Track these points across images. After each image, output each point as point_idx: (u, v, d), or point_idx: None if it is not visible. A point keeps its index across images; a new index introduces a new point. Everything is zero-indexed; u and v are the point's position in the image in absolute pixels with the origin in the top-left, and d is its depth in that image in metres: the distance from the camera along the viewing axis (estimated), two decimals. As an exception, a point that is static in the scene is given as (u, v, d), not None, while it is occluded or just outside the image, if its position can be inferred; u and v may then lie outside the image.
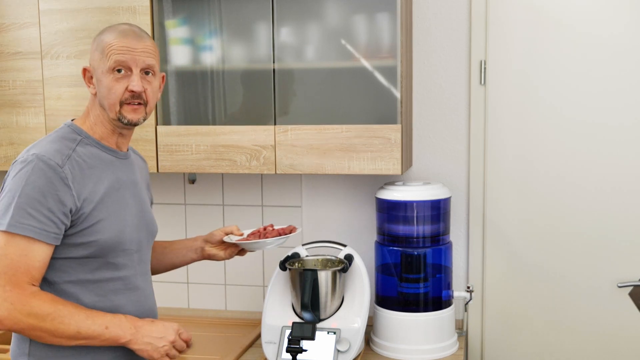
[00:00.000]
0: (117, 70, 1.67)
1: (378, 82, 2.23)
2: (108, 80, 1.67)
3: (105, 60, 1.67)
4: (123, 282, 1.72)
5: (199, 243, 2.02)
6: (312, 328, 2.14)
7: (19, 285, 1.54)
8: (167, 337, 1.66)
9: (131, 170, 1.80)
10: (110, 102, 1.68)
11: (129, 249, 1.73)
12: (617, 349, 2.45)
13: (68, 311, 1.57)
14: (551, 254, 2.47)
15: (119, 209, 1.71)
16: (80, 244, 1.64)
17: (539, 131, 2.43)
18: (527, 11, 2.39)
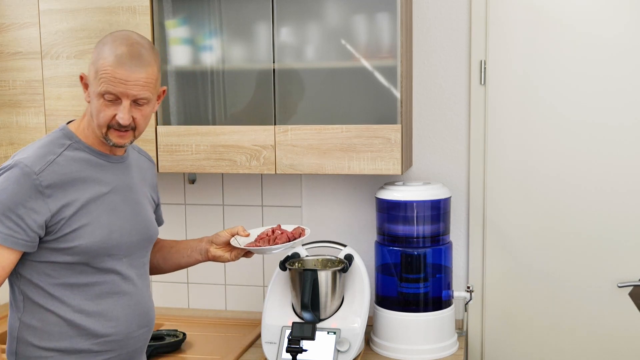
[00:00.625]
0: (106, 98, 1.62)
1: (378, 82, 2.23)
2: (98, 103, 1.63)
3: (97, 83, 1.62)
4: (110, 286, 1.71)
5: (204, 244, 1.98)
6: (312, 328, 2.14)
7: None
8: None
9: (127, 173, 1.78)
10: (98, 123, 1.65)
11: (116, 254, 1.72)
12: (617, 349, 2.45)
13: None
14: (551, 253, 2.47)
15: (106, 214, 1.69)
16: (62, 249, 1.64)
17: (539, 131, 2.43)
18: (527, 11, 2.39)
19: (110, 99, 1.62)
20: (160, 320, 2.65)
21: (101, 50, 1.63)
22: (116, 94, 1.61)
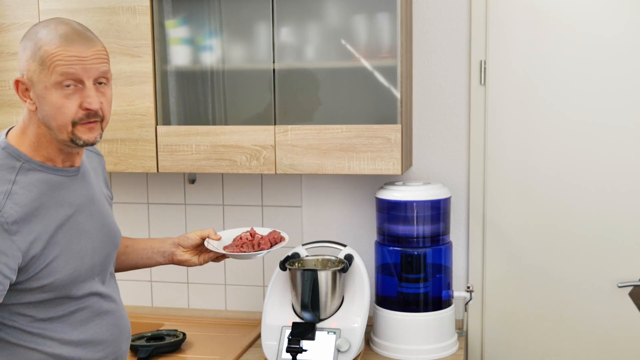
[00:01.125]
0: (65, 85, 1.42)
1: (378, 82, 2.23)
2: (55, 97, 1.42)
3: (49, 73, 1.41)
4: (90, 310, 1.59)
5: (168, 246, 1.84)
6: (312, 328, 2.14)
7: None
8: None
9: (85, 184, 1.60)
10: (60, 122, 1.44)
11: (89, 276, 1.57)
12: (617, 349, 2.45)
13: None
14: (551, 253, 2.47)
15: (74, 239, 1.53)
16: (36, 288, 1.47)
17: (539, 131, 2.43)
18: (527, 11, 2.39)
19: (69, 84, 1.42)
20: (160, 320, 2.65)
21: (37, 40, 1.42)
22: (76, 76, 1.42)
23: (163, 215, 2.74)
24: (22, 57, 1.45)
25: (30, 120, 1.49)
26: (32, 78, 1.44)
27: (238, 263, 2.68)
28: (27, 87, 1.45)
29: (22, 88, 1.45)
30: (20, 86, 1.45)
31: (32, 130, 1.49)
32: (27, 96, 1.46)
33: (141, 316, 2.67)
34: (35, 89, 1.44)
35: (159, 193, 2.74)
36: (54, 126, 1.46)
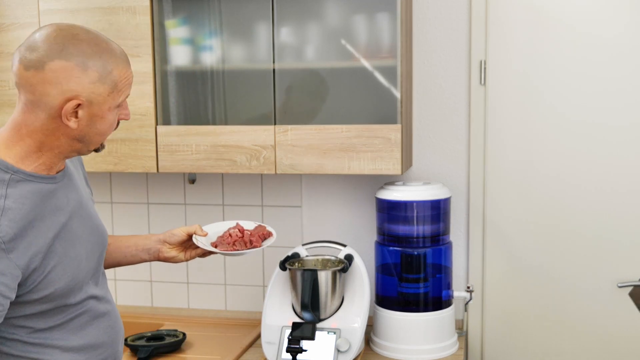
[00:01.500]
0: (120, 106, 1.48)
1: (378, 82, 2.23)
2: (112, 117, 1.46)
3: (117, 96, 1.44)
4: (88, 314, 1.57)
5: (153, 243, 1.82)
6: (312, 328, 2.14)
7: None
8: None
9: (71, 186, 1.56)
10: (104, 137, 1.48)
11: (85, 281, 1.55)
12: (617, 349, 2.45)
13: None
14: (551, 253, 2.47)
15: (70, 247, 1.50)
16: (36, 300, 1.45)
17: (539, 131, 2.43)
18: (527, 11, 2.39)
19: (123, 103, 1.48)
20: (160, 320, 2.65)
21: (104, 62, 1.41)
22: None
23: (163, 215, 2.74)
24: (78, 79, 1.38)
25: (46, 133, 1.43)
26: (94, 99, 1.41)
27: (238, 263, 2.68)
28: (83, 107, 1.41)
29: (72, 108, 1.40)
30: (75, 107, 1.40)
31: (37, 140, 1.44)
32: (75, 115, 1.41)
33: (141, 316, 2.67)
34: (92, 110, 1.42)
35: (159, 193, 2.74)
36: (96, 140, 1.47)
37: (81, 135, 1.44)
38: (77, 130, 1.43)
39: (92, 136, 1.46)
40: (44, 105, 1.40)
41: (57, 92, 1.38)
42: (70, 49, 1.38)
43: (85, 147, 1.48)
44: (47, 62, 1.37)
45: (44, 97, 1.39)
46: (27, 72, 1.39)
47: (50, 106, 1.39)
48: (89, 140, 1.46)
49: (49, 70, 1.37)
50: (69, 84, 1.38)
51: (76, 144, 1.46)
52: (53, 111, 1.40)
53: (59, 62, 1.37)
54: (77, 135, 1.44)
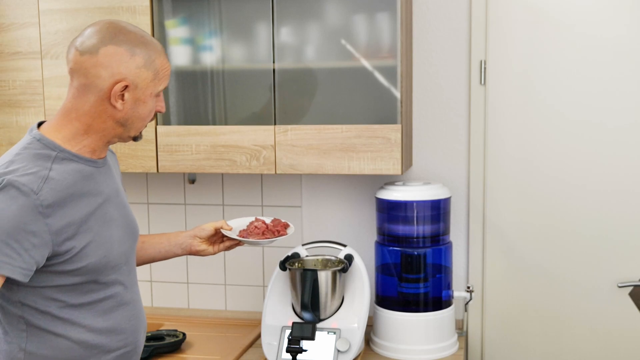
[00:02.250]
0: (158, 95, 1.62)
1: (378, 82, 2.23)
2: (151, 103, 1.59)
3: (158, 83, 1.58)
4: (115, 299, 1.66)
5: (185, 238, 1.96)
6: (312, 328, 2.14)
7: None
8: None
9: (110, 176, 1.68)
10: (144, 123, 1.62)
11: (118, 264, 1.65)
12: (617, 349, 2.45)
13: None
14: (551, 253, 2.47)
15: (104, 227, 1.60)
16: (69, 271, 1.54)
17: (539, 131, 2.43)
18: (527, 11, 2.39)
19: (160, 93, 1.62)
20: (160, 320, 2.65)
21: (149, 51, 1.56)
22: None
23: (163, 215, 2.74)
24: (127, 63, 1.53)
25: (93, 118, 1.55)
26: (139, 84, 1.55)
27: (238, 262, 2.68)
28: (129, 90, 1.54)
29: (122, 90, 1.53)
30: (123, 89, 1.53)
31: (85, 122, 1.56)
32: (121, 97, 1.54)
33: (141, 316, 2.67)
34: (136, 93, 1.55)
35: (159, 193, 2.74)
36: (137, 126, 1.60)
37: (125, 118, 1.57)
38: (122, 112, 1.56)
39: (134, 120, 1.58)
40: (95, 87, 1.53)
41: (107, 74, 1.52)
42: (121, 37, 1.53)
43: (127, 132, 1.60)
44: (101, 47, 1.51)
45: (96, 80, 1.52)
46: (82, 56, 1.52)
47: (100, 88, 1.53)
48: (131, 125, 1.59)
49: (102, 55, 1.51)
50: (119, 67, 1.52)
51: (119, 128, 1.59)
52: (102, 93, 1.53)
53: (111, 48, 1.51)
54: (121, 118, 1.56)
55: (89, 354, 1.61)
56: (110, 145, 1.68)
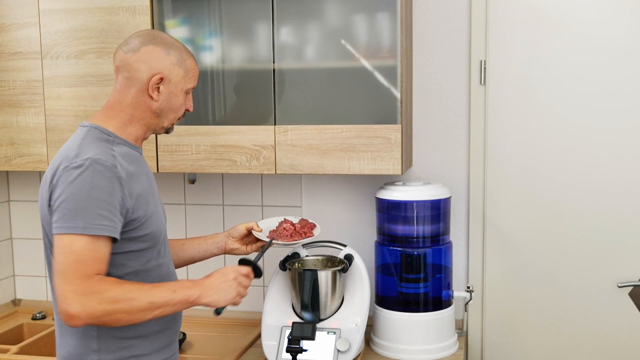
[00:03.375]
0: (188, 92, 1.83)
1: (378, 82, 2.23)
2: (182, 98, 1.81)
3: (188, 81, 1.81)
4: (163, 269, 1.82)
5: (221, 237, 2.11)
6: (312, 328, 2.14)
7: (87, 277, 1.57)
8: (228, 279, 1.77)
9: (146, 164, 1.88)
10: (175, 116, 1.82)
11: (164, 238, 1.85)
12: (617, 349, 2.45)
13: (135, 287, 1.63)
14: (551, 253, 2.47)
15: (155, 202, 1.80)
16: (138, 237, 1.72)
17: (538, 131, 2.43)
18: (527, 11, 2.39)
19: (189, 92, 1.83)
20: (160, 320, 2.64)
21: (181, 53, 1.80)
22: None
23: (163, 215, 2.74)
24: (163, 59, 1.76)
25: (135, 108, 1.77)
26: (173, 79, 1.77)
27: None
28: (164, 83, 1.76)
29: (158, 82, 1.75)
30: (159, 80, 1.75)
31: (129, 115, 1.77)
32: (157, 89, 1.76)
33: (141, 316, 2.67)
34: (170, 87, 1.77)
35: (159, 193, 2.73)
36: (169, 117, 1.81)
37: (160, 109, 1.78)
38: (158, 103, 1.77)
39: (167, 111, 1.79)
40: (136, 80, 1.75)
41: (146, 68, 1.74)
42: (158, 39, 1.78)
43: (161, 123, 1.81)
44: (142, 46, 1.76)
45: (137, 73, 1.74)
46: (126, 54, 1.75)
47: (140, 80, 1.75)
48: (165, 115, 1.79)
49: (143, 52, 1.75)
50: (156, 63, 1.75)
51: (155, 119, 1.79)
52: (142, 85, 1.75)
53: (150, 46, 1.75)
54: (157, 108, 1.77)
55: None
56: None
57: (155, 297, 1.63)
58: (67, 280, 1.55)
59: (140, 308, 1.61)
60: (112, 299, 1.57)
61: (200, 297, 1.71)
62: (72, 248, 1.57)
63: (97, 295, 1.56)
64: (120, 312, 1.59)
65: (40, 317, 2.77)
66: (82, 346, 1.71)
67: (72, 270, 1.56)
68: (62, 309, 1.55)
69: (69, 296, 1.54)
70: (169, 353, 1.83)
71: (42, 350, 2.52)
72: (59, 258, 1.57)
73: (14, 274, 2.95)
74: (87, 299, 1.55)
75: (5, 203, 2.91)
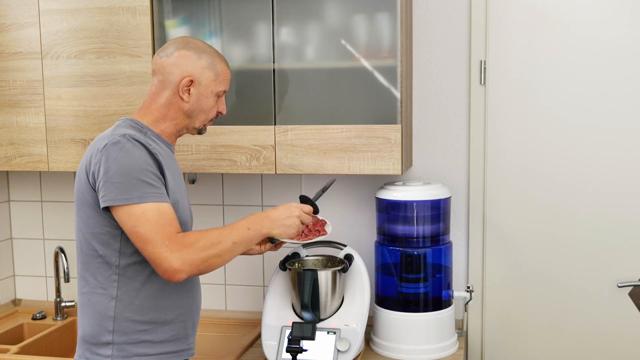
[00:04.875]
0: (219, 95, 1.91)
1: (378, 82, 2.23)
2: (212, 100, 1.89)
3: (218, 84, 1.89)
4: None
5: None
6: (312, 328, 2.14)
7: (173, 236, 1.68)
8: (293, 215, 1.90)
9: (177, 164, 1.95)
10: (206, 117, 1.90)
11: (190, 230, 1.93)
12: (617, 349, 2.45)
13: (216, 232, 1.75)
14: (551, 253, 2.47)
15: (182, 195, 1.87)
16: None
17: (538, 131, 2.43)
18: (527, 11, 2.39)
19: (221, 95, 1.91)
20: (160, 320, 2.64)
21: (212, 57, 1.88)
22: (226, 91, 1.94)
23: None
24: (194, 63, 1.85)
25: (168, 108, 1.87)
26: (203, 82, 1.86)
27: (238, 262, 2.68)
28: (194, 87, 1.85)
29: (188, 84, 1.85)
30: (189, 83, 1.85)
31: (162, 114, 1.87)
32: (188, 91, 1.85)
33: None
34: (200, 89, 1.86)
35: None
36: (200, 118, 1.90)
37: (190, 110, 1.87)
38: (189, 105, 1.86)
39: (198, 112, 1.88)
40: (169, 82, 1.85)
41: (178, 71, 1.85)
42: (191, 45, 1.88)
43: (192, 123, 1.90)
44: (175, 51, 1.86)
45: (170, 76, 1.85)
46: (162, 59, 1.86)
47: (173, 83, 1.85)
48: (196, 116, 1.89)
49: (176, 57, 1.85)
50: (187, 66, 1.85)
51: (186, 119, 1.89)
52: (174, 87, 1.85)
53: (183, 51, 1.86)
54: (188, 109, 1.87)
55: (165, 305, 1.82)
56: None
57: (236, 237, 1.77)
58: (157, 244, 1.66)
59: (226, 250, 1.75)
60: (204, 246, 1.70)
61: (269, 231, 1.86)
62: (147, 217, 1.67)
63: (190, 247, 1.68)
64: (212, 257, 1.72)
65: (40, 317, 2.77)
66: (98, 326, 1.78)
67: (157, 234, 1.66)
68: (164, 268, 1.66)
69: (167, 256, 1.65)
70: (184, 346, 1.88)
71: (42, 350, 2.53)
72: (141, 230, 1.67)
73: (14, 274, 2.95)
74: (184, 254, 1.67)
75: (5, 203, 2.91)
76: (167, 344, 1.82)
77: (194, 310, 1.91)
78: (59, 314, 2.77)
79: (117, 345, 1.77)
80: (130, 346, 1.78)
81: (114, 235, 1.75)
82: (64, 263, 2.67)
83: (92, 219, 1.76)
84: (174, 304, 1.83)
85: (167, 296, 1.82)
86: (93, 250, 1.78)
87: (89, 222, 1.77)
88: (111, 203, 1.68)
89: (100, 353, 1.78)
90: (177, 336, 1.85)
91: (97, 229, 1.76)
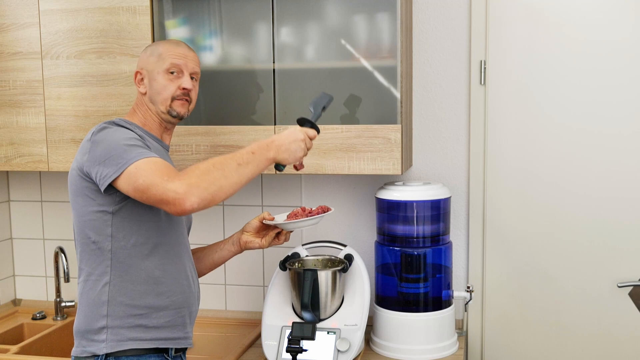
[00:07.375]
0: (171, 72, 1.93)
1: (378, 82, 2.23)
2: (163, 79, 1.93)
3: (162, 63, 1.93)
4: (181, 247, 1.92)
5: (237, 234, 2.14)
6: (312, 328, 2.14)
7: (172, 171, 1.68)
8: (298, 139, 1.87)
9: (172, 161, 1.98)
10: (163, 97, 1.93)
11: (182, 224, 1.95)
12: (617, 349, 2.45)
13: (218, 158, 1.73)
14: (551, 253, 2.47)
15: None
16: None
17: (538, 131, 2.43)
18: (527, 11, 2.39)
19: (174, 70, 1.93)
20: (160, 320, 2.64)
21: (156, 47, 1.97)
22: (180, 66, 1.94)
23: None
24: (142, 58, 1.98)
25: (140, 102, 1.97)
26: (148, 68, 1.95)
27: (238, 262, 2.68)
28: (143, 76, 1.96)
29: (138, 77, 1.97)
30: (137, 76, 1.97)
31: (140, 110, 1.96)
32: (142, 83, 1.96)
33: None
34: (149, 75, 1.94)
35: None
36: (159, 100, 1.93)
37: (149, 96, 1.95)
38: (146, 92, 1.95)
39: (154, 95, 1.94)
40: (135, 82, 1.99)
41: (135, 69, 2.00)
42: (153, 45, 2.00)
43: (157, 108, 1.94)
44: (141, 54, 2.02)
45: (135, 77, 1.99)
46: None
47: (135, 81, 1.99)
48: (155, 99, 1.94)
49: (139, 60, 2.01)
50: (139, 63, 1.99)
51: (152, 106, 1.95)
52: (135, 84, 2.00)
53: (142, 54, 2.00)
54: (148, 96, 1.95)
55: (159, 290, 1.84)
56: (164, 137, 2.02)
57: (240, 159, 1.74)
58: (158, 183, 1.64)
59: (231, 169, 1.70)
60: (205, 170, 1.67)
61: (275, 156, 1.82)
62: (142, 168, 1.67)
63: (191, 173, 1.66)
64: (219, 178, 1.67)
65: (40, 317, 2.77)
66: (92, 312, 1.81)
67: (156, 176, 1.65)
68: (172, 199, 1.62)
69: (170, 187, 1.63)
70: (180, 334, 1.89)
71: (42, 350, 2.53)
72: (140, 180, 1.66)
73: (14, 274, 2.95)
74: (186, 179, 1.64)
75: (5, 203, 2.91)
76: (162, 330, 1.84)
77: (190, 299, 1.92)
78: (59, 314, 2.77)
79: (112, 329, 1.79)
80: (125, 330, 1.80)
81: (105, 220, 1.79)
82: (64, 263, 2.67)
83: (84, 208, 1.80)
84: (168, 290, 1.85)
85: (161, 282, 1.84)
86: (87, 237, 1.82)
87: (81, 211, 1.81)
88: (109, 179, 1.71)
89: (95, 339, 1.80)
90: (173, 323, 1.86)
91: (89, 216, 1.80)
